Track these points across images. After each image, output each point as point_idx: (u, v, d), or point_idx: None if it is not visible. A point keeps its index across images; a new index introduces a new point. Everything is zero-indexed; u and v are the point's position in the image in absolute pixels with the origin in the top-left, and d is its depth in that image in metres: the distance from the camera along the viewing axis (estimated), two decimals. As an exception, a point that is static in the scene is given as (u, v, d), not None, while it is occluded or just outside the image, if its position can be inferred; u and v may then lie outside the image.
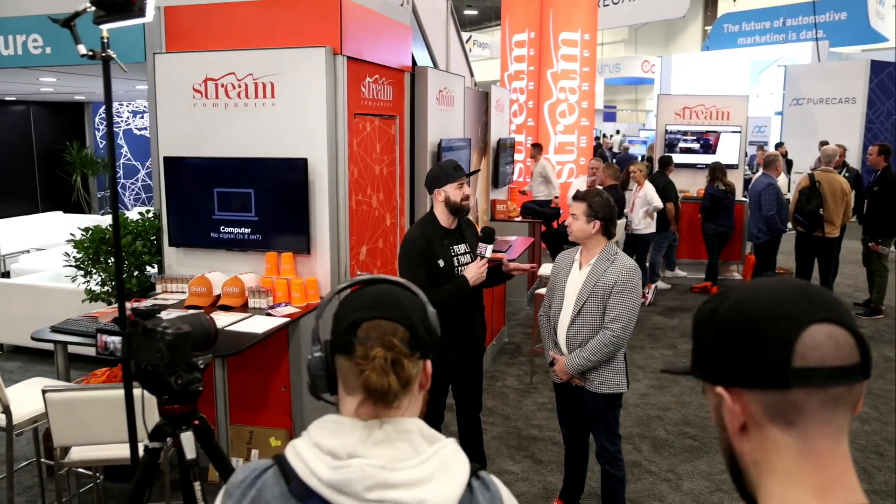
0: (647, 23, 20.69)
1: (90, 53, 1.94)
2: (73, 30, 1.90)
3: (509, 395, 5.58)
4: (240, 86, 4.37)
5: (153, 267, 4.75)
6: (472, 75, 8.30)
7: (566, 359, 3.29)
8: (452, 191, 3.56)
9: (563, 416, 3.59)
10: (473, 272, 3.47)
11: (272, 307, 4.20)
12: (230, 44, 4.42)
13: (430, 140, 5.65)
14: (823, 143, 12.70)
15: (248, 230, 4.44)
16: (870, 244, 7.70)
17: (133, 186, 12.71)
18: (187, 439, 1.96)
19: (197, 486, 1.95)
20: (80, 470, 3.69)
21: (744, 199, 9.38)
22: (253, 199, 4.39)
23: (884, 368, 6.25)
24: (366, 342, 1.17)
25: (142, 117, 12.60)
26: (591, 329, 3.23)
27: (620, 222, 7.50)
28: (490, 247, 3.58)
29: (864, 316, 7.73)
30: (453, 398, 3.84)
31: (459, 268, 3.60)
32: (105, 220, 9.42)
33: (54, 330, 3.76)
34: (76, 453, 3.08)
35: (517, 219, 8.20)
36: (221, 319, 3.89)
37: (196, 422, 2.02)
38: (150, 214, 4.76)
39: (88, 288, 4.60)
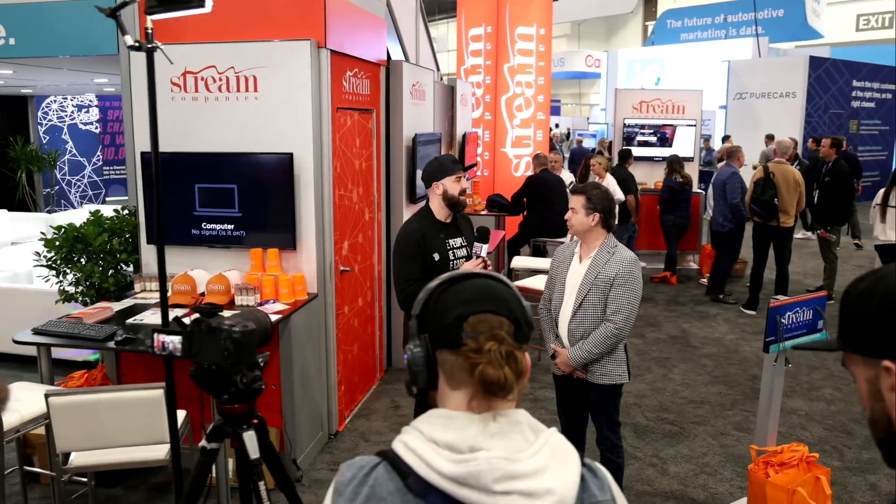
0: (593, 18, 21.00)
1: (136, 44, 1.86)
2: (118, 20, 1.81)
3: (489, 387, 5.62)
4: (220, 79, 4.28)
5: (129, 266, 4.62)
6: (438, 69, 8.30)
7: (569, 352, 3.32)
8: (451, 184, 3.57)
9: (563, 407, 3.63)
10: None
11: (260, 304, 4.13)
12: (209, 36, 4.31)
13: (406, 134, 5.64)
14: (770, 137, 13.17)
15: (230, 226, 4.35)
16: (818, 231, 8.03)
17: (79, 183, 12.29)
18: (250, 438, 1.91)
19: (262, 486, 1.91)
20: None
21: (699, 190, 9.65)
22: (236, 195, 4.30)
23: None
24: (476, 336, 1.17)
25: (87, 111, 12.16)
26: (593, 321, 3.27)
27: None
28: (485, 246, 3.53)
29: None
30: None
31: (455, 261, 3.61)
32: (53, 219, 9.08)
33: (37, 332, 3.62)
34: (77, 459, 2.97)
35: (483, 212, 8.25)
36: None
37: (255, 420, 1.97)
38: (126, 211, 4.62)
39: (62, 288, 4.45)
